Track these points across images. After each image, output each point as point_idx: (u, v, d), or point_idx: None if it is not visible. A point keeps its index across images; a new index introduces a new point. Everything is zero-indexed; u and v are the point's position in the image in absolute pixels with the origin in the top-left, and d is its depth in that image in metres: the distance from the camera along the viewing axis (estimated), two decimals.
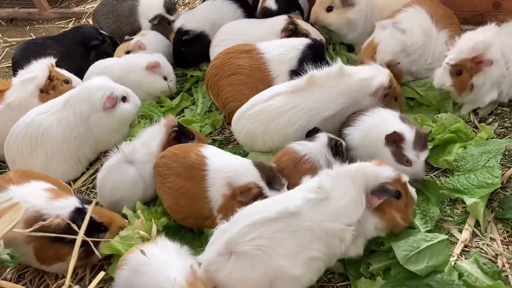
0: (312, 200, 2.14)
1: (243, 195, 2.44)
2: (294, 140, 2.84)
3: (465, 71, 2.98)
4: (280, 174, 2.59)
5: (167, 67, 4.01)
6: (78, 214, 2.56)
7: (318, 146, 2.68)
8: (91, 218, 2.47)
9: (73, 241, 2.20)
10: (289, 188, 2.49)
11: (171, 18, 4.64)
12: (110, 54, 4.33)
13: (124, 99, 3.44)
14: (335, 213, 2.13)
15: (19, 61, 4.19)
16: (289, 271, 2.05)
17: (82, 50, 4.29)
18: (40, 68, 3.62)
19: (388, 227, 2.27)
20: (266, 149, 3.10)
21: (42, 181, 2.82)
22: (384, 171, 2.27)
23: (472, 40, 2.99)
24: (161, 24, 4.61)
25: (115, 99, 3.35)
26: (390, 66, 3.24)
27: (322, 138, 2.73)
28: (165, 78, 3.98)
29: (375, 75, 3.00)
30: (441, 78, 3.05)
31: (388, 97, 3.03)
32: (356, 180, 2.20)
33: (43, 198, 2.65)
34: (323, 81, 3.00)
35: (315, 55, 3.39)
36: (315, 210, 2.13)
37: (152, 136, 3.02)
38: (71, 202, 2.64)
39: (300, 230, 2.09)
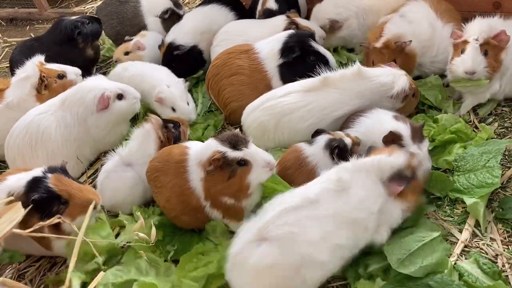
0: (332, 190, 2.20)
1: (211, 165, 2.44)
2: (305, 137, 2.88)
3: (490, 50, 2.90)
4: (284, 172, 2.64)
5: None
6: (34, 184, 2.54)
7: (319, 149, 2.69)
8: (48, 188, 2.50)
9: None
10: (292, 185, 2.50)
11: (180, 12, 4.57)
12: (80, 53, 4.26)
13: (120, 96, 3.38)
14: (356, 204, 2.20)
15: (15, 61, 4.17)
16: (317, 257, 2.11)
17: (57, 48, 4.20)
18: (31, 67, 3.61)
19: (411, 208, 2.36)
20: (275, 144, 3.10)
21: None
22: (397, 159, 2.33)
23: (483, 21, 2.98)
24: (170, 18, 4.52)
25: (107, 99, 3.28)
26: (400, 45, 3.22)
27: (321, 140, 2.72)
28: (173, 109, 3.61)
29: (395, 79, 2.98)
30: (475, 60, 2.87)
31: (408, 96, 3.04)
32: (372, 172, 2.28)
33: (16, 177, 2.65)
34: (338, 82, 3.01)
35: (297, 44, 3.35)
36: (337, 200, 2.19)
37: (146, 137, 3.00)
38: (32, 173, 2.61)
39: (325, 218, 2.15)
